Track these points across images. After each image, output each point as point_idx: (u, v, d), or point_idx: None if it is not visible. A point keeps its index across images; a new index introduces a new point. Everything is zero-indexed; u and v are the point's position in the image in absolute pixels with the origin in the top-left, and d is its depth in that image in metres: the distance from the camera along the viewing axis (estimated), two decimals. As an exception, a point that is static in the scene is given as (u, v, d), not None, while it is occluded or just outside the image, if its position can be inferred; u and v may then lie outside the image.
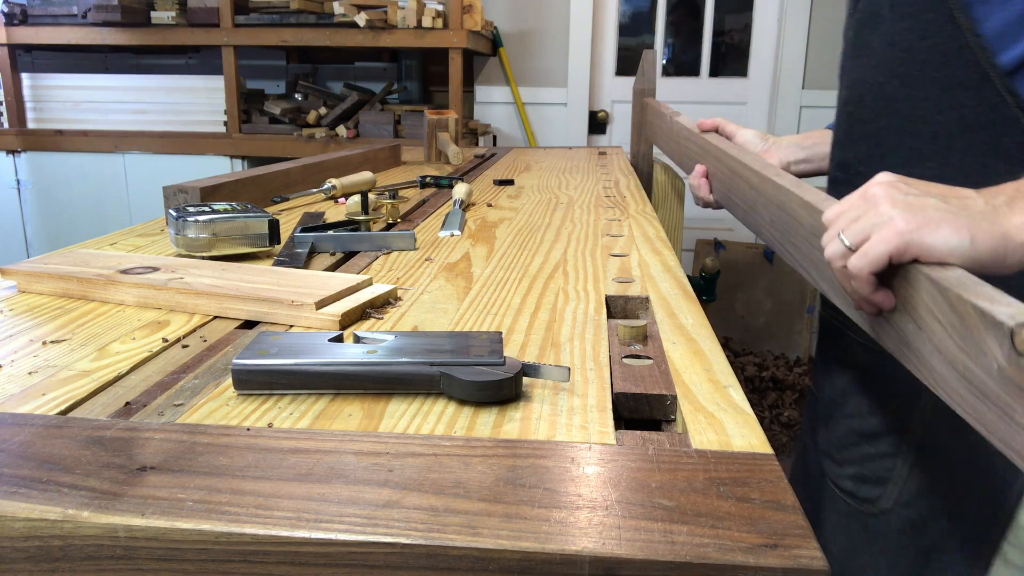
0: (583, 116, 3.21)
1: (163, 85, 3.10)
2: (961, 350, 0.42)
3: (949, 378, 0.43)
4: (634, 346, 0.57)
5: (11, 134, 2.98)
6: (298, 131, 2.89)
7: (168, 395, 0.48)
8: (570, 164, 1.80)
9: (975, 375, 0.41)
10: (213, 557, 0.33)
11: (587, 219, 1.06)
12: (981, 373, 0.40)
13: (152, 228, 1.00)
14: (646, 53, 1.98)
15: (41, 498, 0.35)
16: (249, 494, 0.35)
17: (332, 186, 1.23)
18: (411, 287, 0.72)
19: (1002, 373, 0.38)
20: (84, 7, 2.81)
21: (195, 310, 0.65)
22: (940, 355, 0.44)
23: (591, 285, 0.72)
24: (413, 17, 2.64)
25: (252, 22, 2.77)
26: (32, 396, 0.47)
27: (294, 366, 0.47)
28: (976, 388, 0.41)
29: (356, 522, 0.33)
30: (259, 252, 0.84)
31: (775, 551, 0.31)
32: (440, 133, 1.85)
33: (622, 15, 3.20)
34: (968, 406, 0.42)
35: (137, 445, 0.40)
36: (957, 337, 0.42)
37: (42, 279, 0.70)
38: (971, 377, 0.41)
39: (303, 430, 0.42)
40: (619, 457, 0.39)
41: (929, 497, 0.78)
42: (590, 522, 0.33)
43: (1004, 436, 0.39)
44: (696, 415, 0.44)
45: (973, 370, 0.41)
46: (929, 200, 0.51)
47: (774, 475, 0.37)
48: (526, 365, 0.48)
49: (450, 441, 0.41)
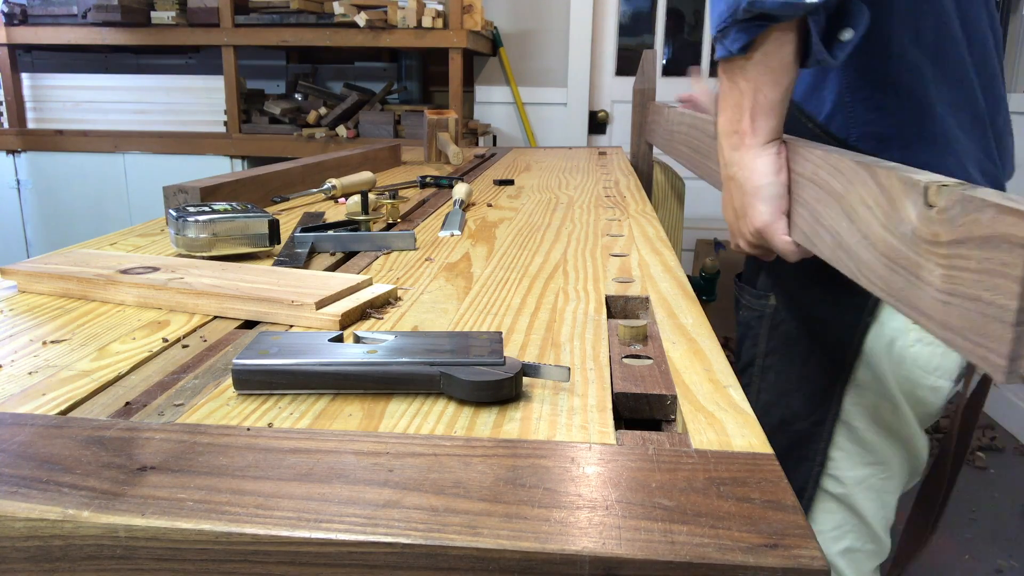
0: (583, 116, 3.21)
1: (163, 85, 3.10)
2: (884, 227, 0.48)
3: (872, 262, 0.50)
4: (634, 346, 0.57)
5: (11, 134, 2.98)
6: (298, 131, 2.89)
7: (168, 395, 0.48)
8: (570, 164, 1.80)
9: (892, 248, 0.47)
10: (213, 557, 0.33)
11: (587, 219, 1.06)
12: (897, 242, 0.46)
13: (152, 228, 1.00)
14: (646, 53, 1.98)
15: (41, 498, 0.35)
16: (249, 494, 0.35)
17: (332, 186, 1.23)
18: (411, 287, 0.72)
19: (915, 233, 0.44)
20: (84, 7, 2.81)
21: (195, 310, 0.65)
22: (867, 242, 0.50)
23: (591, 285, 0.72)
24: (413, 17, 2.64)
25: (252, 22, 2.77)
26: (32, 396, 0.47)
27: (294, 366, 0.47)
28: (892, 261, 0.47)
29: (356, 522, 0.33)
30: (259, 252, 0.84)
31: (775, 551, 0.31)
32: (440, 133, 1.85)
33: (622, 15, 3.20)
34: (884, 283, 0.48)
35: (137, 445, 0.40)
36: (881, 215, 0.48)
37: (42, 279, 0.70)
38: (889, 252, 0.47)
39: (303, 430, 0.42)
40: (619, 457, 0.39)
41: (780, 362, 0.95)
42: (590, 522, 0.33)
43: (910, 298, 0.45)
44: (696, 415, 0.44)
45: (891, 243, 0.47)
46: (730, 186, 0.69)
47: (774, 475, 0.37)
48: (526, 365, 0.48)
49: (450, 441, 0.41)
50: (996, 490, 2.26)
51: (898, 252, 0.46)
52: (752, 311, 0.97)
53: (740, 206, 0.66)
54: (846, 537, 0.93)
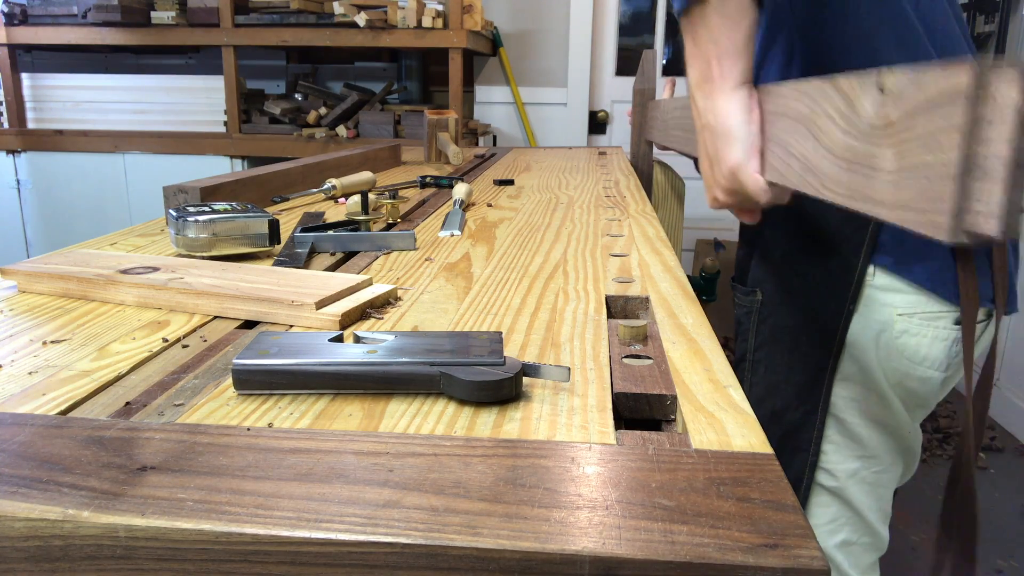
0: (583, 116, 3.21)
1: (163, 85, 3.10)
2: (844, 132, 0.48)
3: (834, 171, 0.50)
4: (634, 346, 0.57)
5: (11, 134, 2.98)
6: (298, 131, 2.89)
7: (168, 395, 0.48)
8: (570, 164, 1.80)
9: (851, 148, 0.47)
10: (213, 557, 0.33)
11: (587, 219, 1.06)
12: (855, 141, 0.47)
13: (152, 228, 1.00)
14: (646, 53, 1.98)
15: (41, 498, 0.35)
16: (249, 494, 0.35)
17: (332, 186, 1.23)
18: (411, 287, 0.72)
19: (871, 125, 0.44)
20: (84, 7, 2.81)
21: (195, 310, 0.65)
22: (830, 155, 0.50)
23: (591, 285, 0.72)
24: (413, 17, 2.64)
25: (252, 22, 2.77)
26: (32, 396, 0.47)
27: (294, 366, 0.47)
28: (851, 162, 0.47)
29: (356, 522, 0.33)
30: (259, 252, 0.84)
31: (775, 551, 0.31)
32: (440, 133, 1.85)
33: (622, 15, 3.20)
34: (845, 187, 0.48)
35: (137, 445, 0.40)
36: (842, 121, 0.48)
37: (42, 279, 0.70)
38: (848, 153, 0.48)
39: (303, 430, 0.42)
40: (619, 457, 0.39)
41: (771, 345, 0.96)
42: (590, 522, 0.33)
43: (867, 192, 0.45)
44: (696, 415, 0.44)
45: (850, 143, 0.47)
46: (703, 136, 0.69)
47: (774, 475, 0.37)
48: (526, 365, 0.48)
49: (450, 441, 0.41)
50: (996, 490, 2.27)
51: (855, 151, 0.47)
52: (742, 308, 0.99)
53: (713, 151, 0.66)
54: (842, 530, 0.94)
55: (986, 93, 0.35)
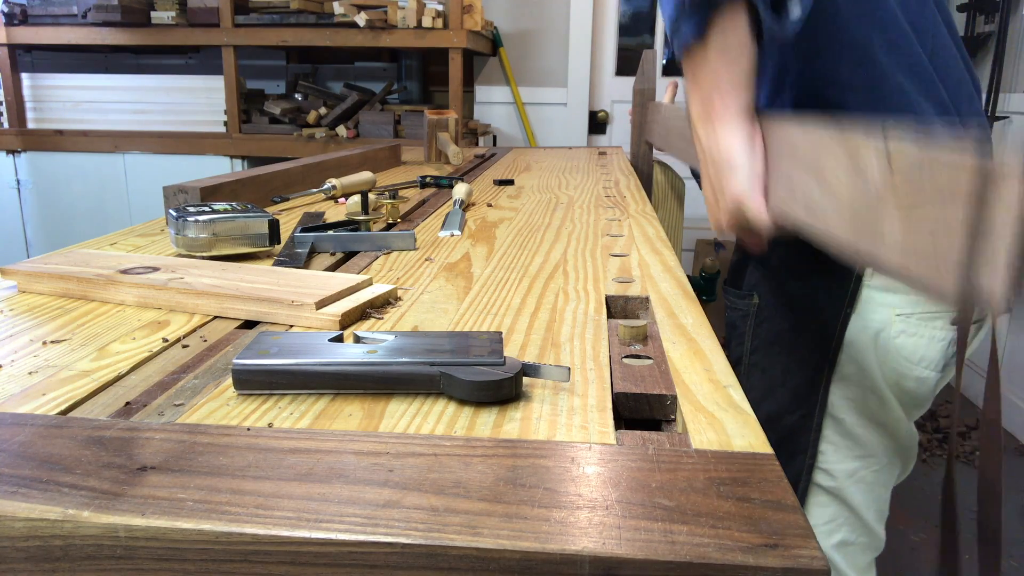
0: (583, 116, 3.21)
1: (163, 85, 3.10)
2: (849, 188, 0.50)
3: (841, 218, 0.52)
4: (634, 346, 0.57)
5: (11, 134, 2.98)
6: (298, 131, 2.89)
7: (168, 395, 0.48)
8: (570, 164, 1.80)
9: (858, 208, 0.49)
10: (213, 557, 0.33)
11: (587, 219, 1.06)
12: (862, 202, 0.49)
13: (152, 228, 1.00)
14: (646, 53, 1.98)
15: (41, 498, 0.35)
16: (249, 494, 0.35)
17: (332, 186, 1.23)
18: (411, 287, 0.72)
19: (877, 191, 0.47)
20: (84, 7, 2.81)
21: (195, 310, 0.65)
22: (836, 201, 0.52)
23: (591, 285, 0.72)
24: (413, 17, 2.64)
25: (252, 22, 2.77)
26: (32, 396, 0.47)
27: (294, 366, 0.47)
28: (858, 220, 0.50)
29: (356, 522, 0.33)
30: (259, 252, 0.84)
31: (775, 551, 0.31)
32: (440, 133, 1.85)
33: (622, 15, 3.21)
34: (850, 232, 0.51)
35: (137, 445, 0.40)
36: (845, 177, 0.50)
37: (42, 279, 0.70)
38: (855, 211, 0.50)
39: (303, 430, 0.42)
40: (619, 457, 0.39)
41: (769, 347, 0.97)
42: (590, 522, 0.33)
43: (872, 249, 0.47)
44: (696, 415, 0.44)
45: (858, 204, 0.49)
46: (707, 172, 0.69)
47: (774, 475, 0.37)
48: (526, 365, 0.48)
49: (450, 441, 0.41)
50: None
51: (861, 212, 0.49)
52: (737, 311, 0.99)
53: (717, 183, 0.67)
54: (840, 531, 0.94)
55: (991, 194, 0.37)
